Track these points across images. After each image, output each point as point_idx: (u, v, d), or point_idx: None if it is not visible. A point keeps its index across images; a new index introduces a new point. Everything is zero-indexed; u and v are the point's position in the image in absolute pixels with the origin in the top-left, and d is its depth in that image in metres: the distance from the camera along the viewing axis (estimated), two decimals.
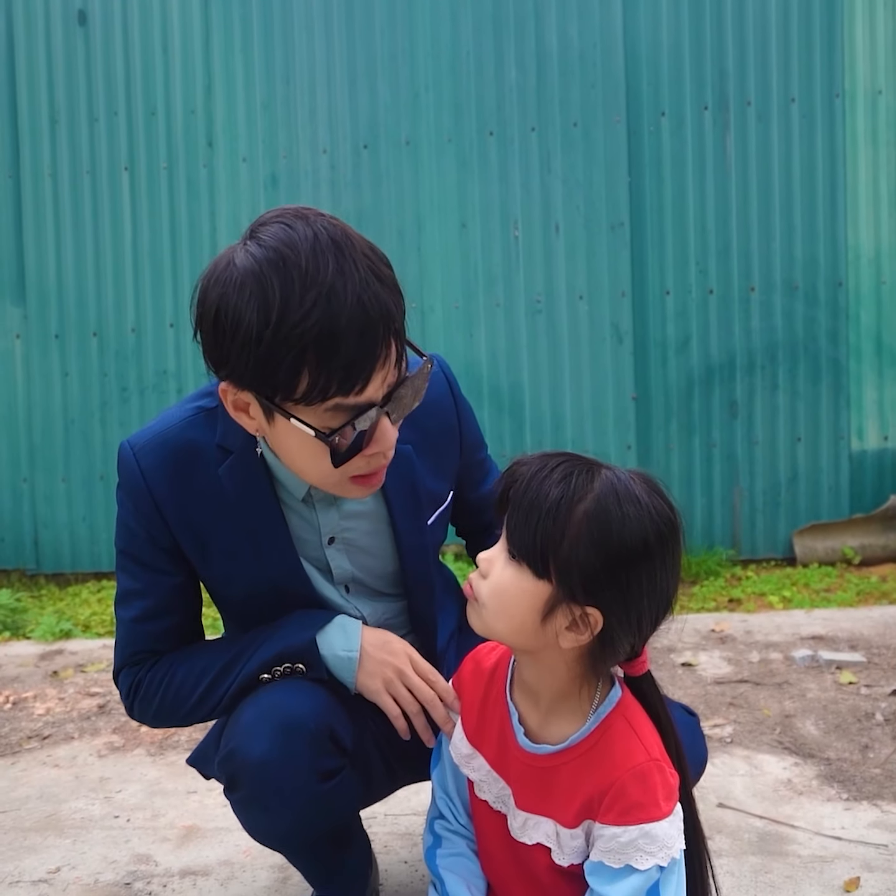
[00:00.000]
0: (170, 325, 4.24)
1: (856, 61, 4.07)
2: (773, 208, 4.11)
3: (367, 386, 1.05)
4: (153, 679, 1.29)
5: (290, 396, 1.05)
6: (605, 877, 1.06)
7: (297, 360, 1.01)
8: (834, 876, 1.64)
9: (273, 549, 1.26)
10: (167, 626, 1.31)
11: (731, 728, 2.29)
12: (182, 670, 1.28)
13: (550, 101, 4.13)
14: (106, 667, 2.95)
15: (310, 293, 0.99)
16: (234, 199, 4.21)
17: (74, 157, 4.24)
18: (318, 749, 1.22)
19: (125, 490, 1.25)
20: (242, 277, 1.02)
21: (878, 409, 4.15)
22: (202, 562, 1.27)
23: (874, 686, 2.51)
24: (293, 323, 0.99)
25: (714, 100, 4.10)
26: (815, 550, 4.09)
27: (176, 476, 1.23)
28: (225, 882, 1.72)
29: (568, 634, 1.04)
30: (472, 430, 1.42)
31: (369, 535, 1.32)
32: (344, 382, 1.03)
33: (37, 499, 4.29)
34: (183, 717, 1.30)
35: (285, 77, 4.19)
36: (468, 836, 1.26)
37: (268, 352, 1.01)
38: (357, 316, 1.00)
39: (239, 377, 1.07)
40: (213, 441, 1.23)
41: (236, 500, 1.23)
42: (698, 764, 1.37)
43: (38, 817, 2.00)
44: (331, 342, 1.00)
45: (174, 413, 1.27)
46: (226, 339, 1.04)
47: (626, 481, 1.04)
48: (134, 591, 1.28)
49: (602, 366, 4.15)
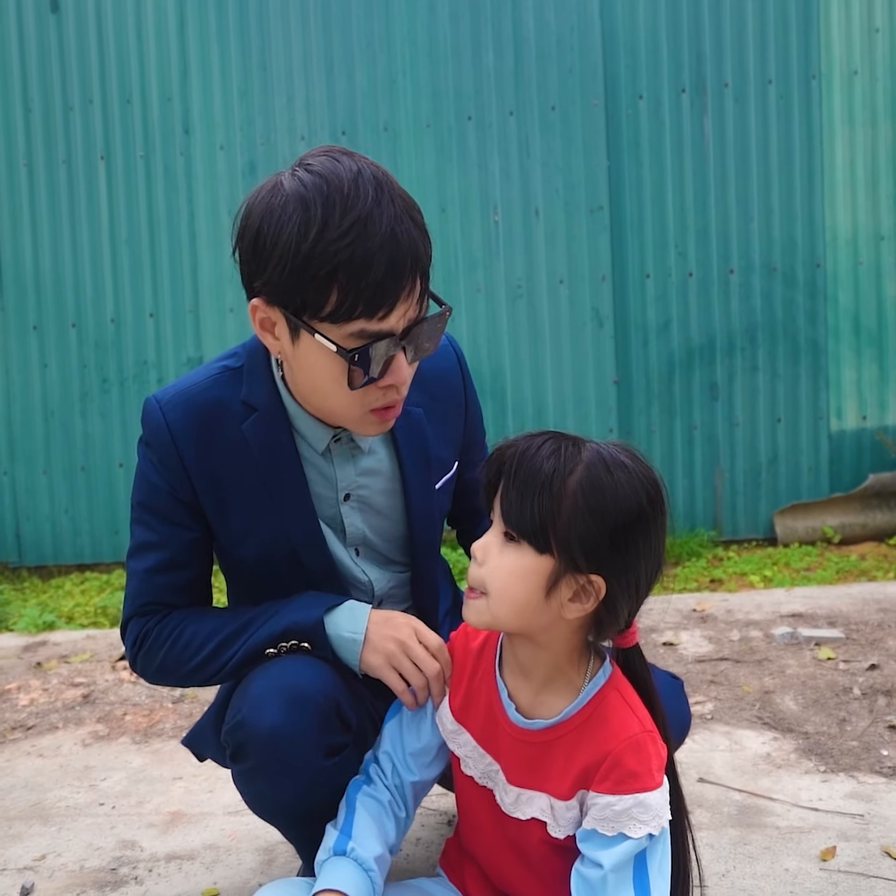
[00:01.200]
0: (149, 315, 4.22)
1: (831, 42, 4.09)
2: (751, 190, 4.12)
3: (391, 314, 1.11)
4: (161, 633, 1.30)
5: (318, 314, 1.11)
6: (598, 844, 1.08)
7: (329, 277, 1.08)
8: (811, 846, 1.67)
9: (292, 505, 1.29)
10: (180, 579, 1.32)
11: (712, 705, 2.32)
12: (190, 629, 1.29)
13: (528, 85, 4.12)
14: (90, 658, 2.95)
15: (348, 216, 1.07)
16: (211, 186, 4.19)
17: (49, 147, 4.20)
18: (326, 724, 1.23)
19: (150, 444, 1.28)
20: (288, 196, 1.10)
21: (857, 389, 4.19)
22: (221, 518, 1.29)
23: (852, 661, 2.55)
24: (330, 240, 1.07)
25: (691, 82, 4.10)
26: (795, 530, 4.13)
27: (201, 431, 1.26)
28: (210, 865, 1.73)
29: (572, 605, 1.06)
30: (477, 410, 1.47)
31: (383, 495, 1.35)
32: (370, 304, 1.09)
33: (18, 491, 4.28)
34: (183, 677, 1.31)
35: (262, 64, 4.16)
36: (396, 797, 1.26)
37: (303, 264, 1.08)
38: (389, 244, 1.07)
39: (271, 290, 1.13)
40: (239, 398, 1.27)
41: (259, 456, 1.27)
42: (682, 727, 1.40)
43: (22, 806, 2.00)
44: (362, 264, 1.07)
45: (200, 372, 1.31)
46: (265, 251, 1.11)
47: (611, 450, 1.07)
48: (149, 543, 1.31)
49: (583, 350, 4.17)
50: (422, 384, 1.33)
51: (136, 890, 1.66)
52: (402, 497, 1.36)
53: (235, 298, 4.20)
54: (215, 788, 2.03)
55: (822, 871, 1.59)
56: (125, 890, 1.66)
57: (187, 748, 1.51)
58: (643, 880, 1.06)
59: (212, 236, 4.19)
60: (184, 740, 1.50)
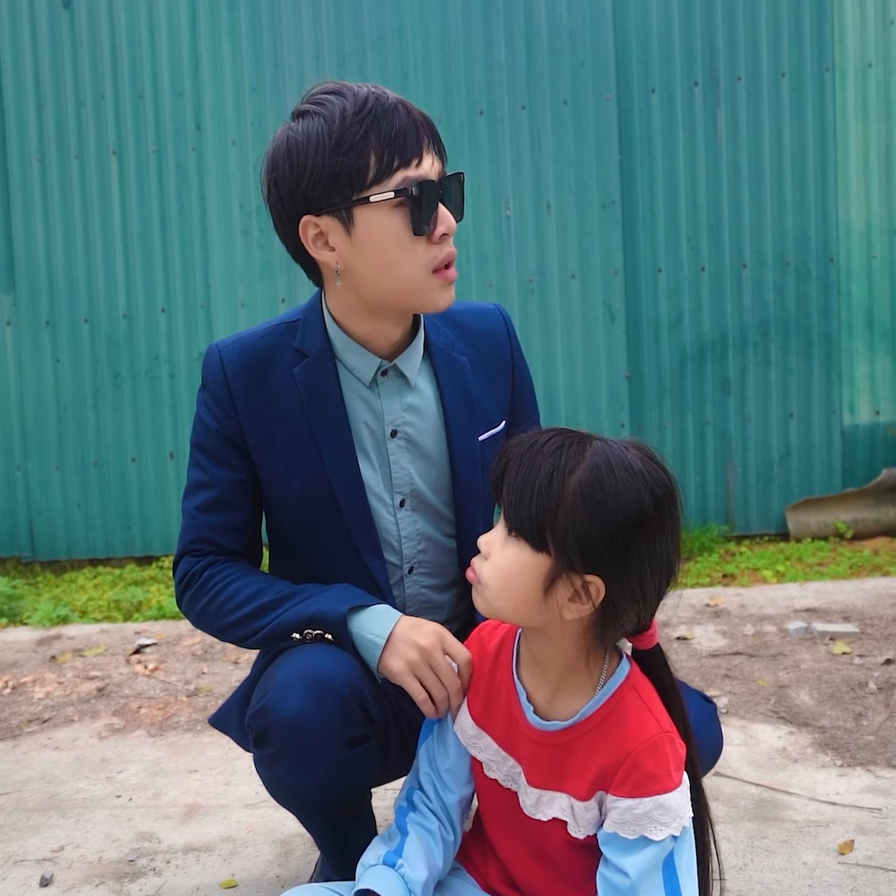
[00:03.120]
0: (161, 311, 4.22)
1: (845, 35, 4.06)
2: (763, 184, 4.10)
3: (423, 161, 1.23)
4: (207, 581, 1.35)
5: (364, 182, 1.22)
6: (620, 847, 1.07)
7: (363, 140, 1.20)
8: (829, 839, 1.66)
9: (334, 446, 1.34)
10: (228, 519, 1.37)
11: (727, 699, 2.31)
12: (232, 587, 1.33)
13: (540, 79, 4.11)
14: (104, 651, 2.96)
15: (360, 98, 1.22)
16: (223, 182, 4.19)
17: (62, 142, 4.21)
18: (348, 714, 1.24)
19: (206, 384, 1.36)
20: (302, 116, 1.25)
21: (870, 383, 4.17)
22: (265, 457, 1.35)
23: (867, 656, 2.54)
24: (353, 112, 1.21)
25: (704, 76, 4.09)
26: (807, 525, 4.11)
27: (253, 373, 1.34)
28: (228, 857, 1.73)
29: (571, 606, 1.05)
30: (526, 377, 1.52)
31: (428, 434, 1.38)
32: (403, 151, 1.21)
33: (31, 486, 4.29)
34: (218, 631, 1.35)
35: (273, 59, 4.16)
36: (444, 820, 1.25)
37: (338, 143, 1.20)
38: (401, 105, 1.24)
39: (314, 190, 1.22)
40: (292, 346, 1.35)
41: (306, 399, 1.33)
42: (714, 751, 1.37)
43: (40, 798, 2.01)
44: (386, 119, 1.21)
45: (261, 325, 1.40)
46: (300, 156, 1.22)
47: (619, 450, 1.04)
48: (201, 482, 1.37)
49: (595, 345, 4.16)
50: (467, 337, 1.41)
51: (155, 881, 1.66)
52: (446, 441, 1.39)
53: (247, 293, 4.20)
54: (231, 781, 2.03)
55: (840, 864, 1.58)
56: (143, 881, 1.67)
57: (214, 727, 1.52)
58: (673, 883, 1.06)
59: (223, 231, 4.20)
60: (211, 719, 1.52)
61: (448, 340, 1.39)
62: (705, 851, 1.16)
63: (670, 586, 1.09)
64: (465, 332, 1.41)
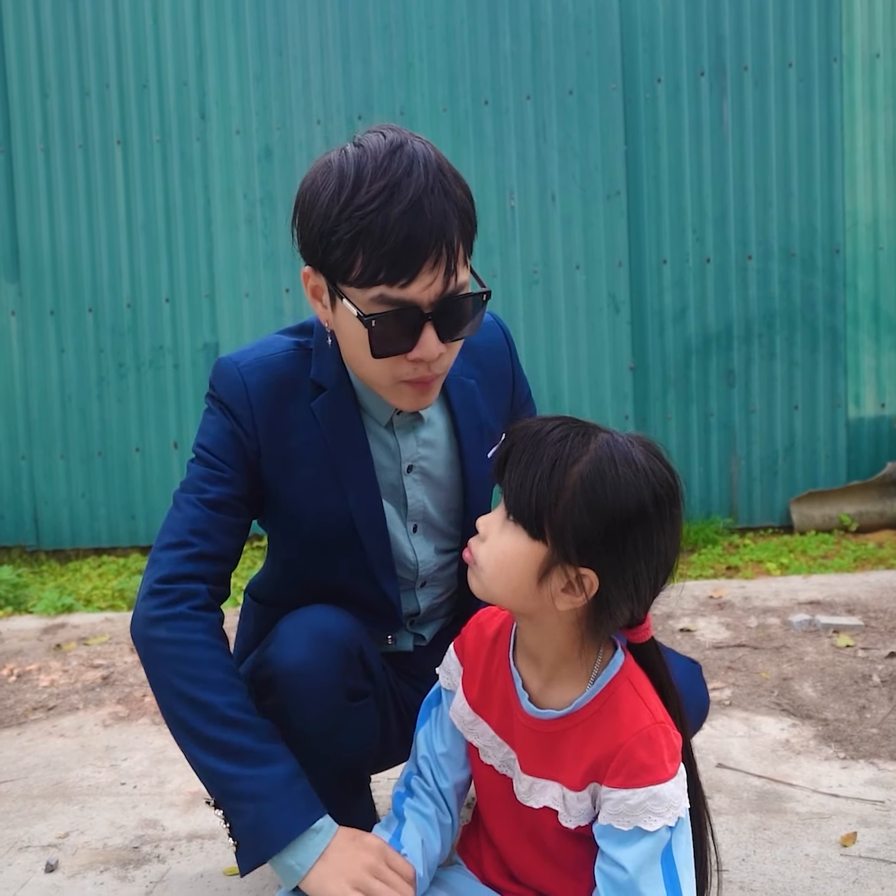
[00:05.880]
0: (165, 300, 4.22)
1: (853, 24, 4.04)
2: (770, 174, 4.09)
3: (412, 283, 1.12)
4: (175, 631, 1.21)
5: (346, 278, 1.15)
6: (615, 839, 1.07)
7: (353, 240, 1.12)
8: (831, 831, 1.66)
9: (357, 480, 1.31)
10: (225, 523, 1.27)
11: (730, 691, 2.31)
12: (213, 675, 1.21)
13: (545, 69, 4.09)
14: (108, 640, 2.97)
15: (377, 183, 1.11)
16: (227, 171, 4.18)
17: (66, 131, 4.20)
18: (349, 665, 1.26)
19: (222, 398, 1.29)
20: (332, 167, 1.16)
21: (876, 376, 4.16)
22: (284, 480, 1.29)
23: (871, 649, 2.54)
24: (357, 205, 1.11)
25: (711, 65, 4.07)
26: (812, 518, 4.11)
27: (275, 400, 1.29)
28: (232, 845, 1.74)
29: (564, 596, 1.05)
30: (524, 385, 1.50)
31: (441, 465, 1.38)
32: (391, 270, 1.11)
33: (35, 476, 4.30)
34: (164, 707, 1.23)
35: (278, 48, 4.15)
36: (441, 804, 1.26)
37: (332, 228, 1.13)
38: (412, 213, 1.10)
39: (311, 253, 1.18)
40: (308, 376, 1.31)
41: (327, 432, 1.30)
42: (700, 712, 1.39)
43: (45, 785, 2.02)
44: (382, 229, 1.10)
45: (273, 342, 1.34)
46: (306, 213, 1.17)
47: (624, 444, 1.04)
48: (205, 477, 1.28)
49: (599, 336, 4.15)
50: (473, 356, 1.38)
51: (159, 868, 1.67)
52: (459, 466, 1.39)
53: (251, 284, 4.20)
54: None
55: (842, 856, 1.58)
56: (148, 868, 1.67)
57: None
58: (672, 875, 1.06)
59: (228, 221, 4.19)
60: None
61: (457, 366, 1.34)
62: (703, 845, 1.16)
63: (666, 584, 1.08)
64: (471, 352, 1.37)
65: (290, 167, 4.15)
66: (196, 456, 1.31)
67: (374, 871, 1.16)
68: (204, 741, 1.19)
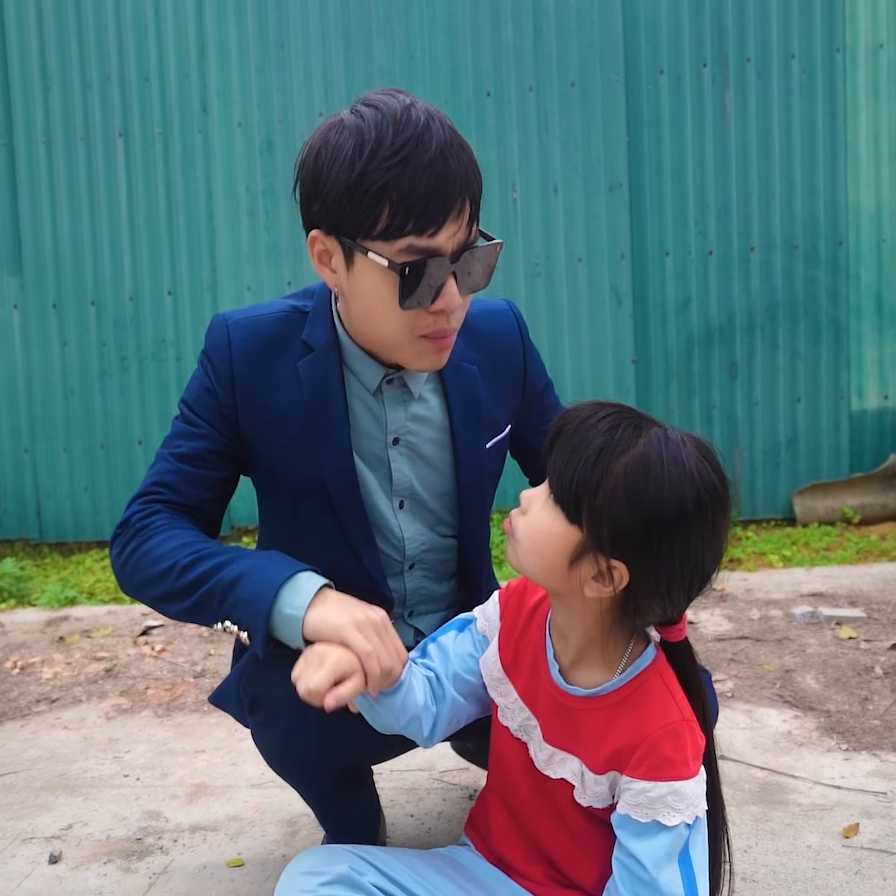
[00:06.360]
0: (167, 294, 4.22)
1: (857, 15, 4.02)
2: (772, 166, 4.07)
3: (440, 231, 1.13)
4: (143, 528, 1.25)
5: (370, 232, 1.13)
6: (633, 831, 1.07)
7: (381, 192, 1.11)
8: (833, 823, 1.67)
9: (330, 442, 1.30)
10: (203, 475, 1.29)
11: (732, 683, 2.32)
12: (162, 535, 1.23)
13: (548, 60, 4.08)
14: (111, 632, 2.97)
15: (401, 136, 1.11)
16: (229, 164, 4.18)
17: (68, 124, 4.19)
18: None
19: (208, 354, 1.33)
20: (345, 126, 1.16)
21: (879, 368, 4.15)
22: (262, 442, 1.30)
23: (874, 641, 2.54)
24: (382, 157, 1.11)
25: (713, 57, 4.05)
26: (814, 510, 4.10)
27: (259, 357, 1.30)
28: (234, 836, 1.75)
29: (593, 584, 1.05)
30: (539, 375, 1.47)
31: (431, 444, 1.36)
32: (420, 219, 1.11)
33: (38, 469, 4.31)
34: (137, 586, 1.25)
35: (279, 40, 4.13)
36: (435, 682, 1.23)
37: (357, 182, 1.12)
38: (439, 162, 1.11)
39: (327, 213, 1.16)
40: (300, 337, 1.31)
41: (308, 394, 1.30)
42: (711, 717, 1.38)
43: (48, 777, 2.03)
44: (412, 179, 1.10)
45: (271, 304, 1.35)
46: (322, 175, 1.15)
47: (676, 442, 1.02)
48: (186, 432, 1.31)
49: (602, 328, 4.14)
50: (479, 343, 1.36)
51: (162, 859, 1.68)
52: (452, 450, 1.36)
53: (253, 276, 4.19)
54: (238, 761, 2.05)
55: (844, 847, 1.59)
56: (151, 859, 1.68)
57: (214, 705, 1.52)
58: (690, 876, 1.06)
59: (230, 214, 4.18)
60: (211, 697, 1.52)
61: (458, 349, 1.33)
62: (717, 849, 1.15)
63: (702, 591, 1.06)
64: (476, 337, 1.35)
65: (292, 159, 4.11)
66: (179, 412, 1.34)
67: (376, 625, 1.11)
68: (180, 592, 1.19)
